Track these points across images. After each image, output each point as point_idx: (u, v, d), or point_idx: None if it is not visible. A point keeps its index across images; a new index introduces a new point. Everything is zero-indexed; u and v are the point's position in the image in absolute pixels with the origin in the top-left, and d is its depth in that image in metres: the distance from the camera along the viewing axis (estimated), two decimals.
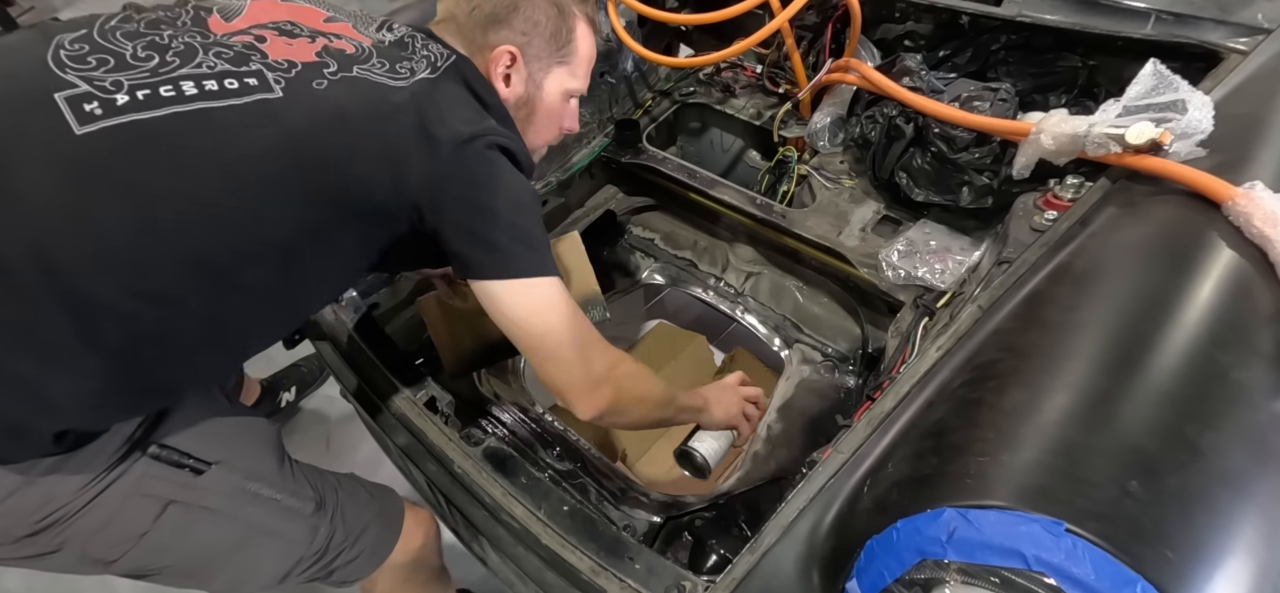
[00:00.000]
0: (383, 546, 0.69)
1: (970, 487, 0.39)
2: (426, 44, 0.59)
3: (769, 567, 0.49)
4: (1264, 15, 0.76)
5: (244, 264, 0.50)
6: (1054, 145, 0.68)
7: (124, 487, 0.52)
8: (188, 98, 0.48)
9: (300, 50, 0.54)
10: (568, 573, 0.61)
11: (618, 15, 1.02)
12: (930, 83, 0.88)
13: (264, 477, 0.60)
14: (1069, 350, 0.46)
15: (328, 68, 0.53)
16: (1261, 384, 0.44)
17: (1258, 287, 0.49)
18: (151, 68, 0.48)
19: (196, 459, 0.55)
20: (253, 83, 0.50)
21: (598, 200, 1.21)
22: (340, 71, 0.53)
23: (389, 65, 0.55)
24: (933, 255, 0.84)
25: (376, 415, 0.79)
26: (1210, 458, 0.40)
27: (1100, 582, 0.34)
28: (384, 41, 0.58)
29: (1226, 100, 0.66)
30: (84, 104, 0.45)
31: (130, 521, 0.53)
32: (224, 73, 0.50)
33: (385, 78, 0.54)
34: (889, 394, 0.54)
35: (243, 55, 0.51)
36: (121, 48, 0.49)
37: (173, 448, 0.54)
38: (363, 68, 0.54)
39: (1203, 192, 0.54)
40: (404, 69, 0.55)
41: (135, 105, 0.46)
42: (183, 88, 0.48)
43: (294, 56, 0.53)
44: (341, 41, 0.56)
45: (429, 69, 0.56)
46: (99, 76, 0.47)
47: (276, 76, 0.51)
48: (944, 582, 0.37)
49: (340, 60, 0.54)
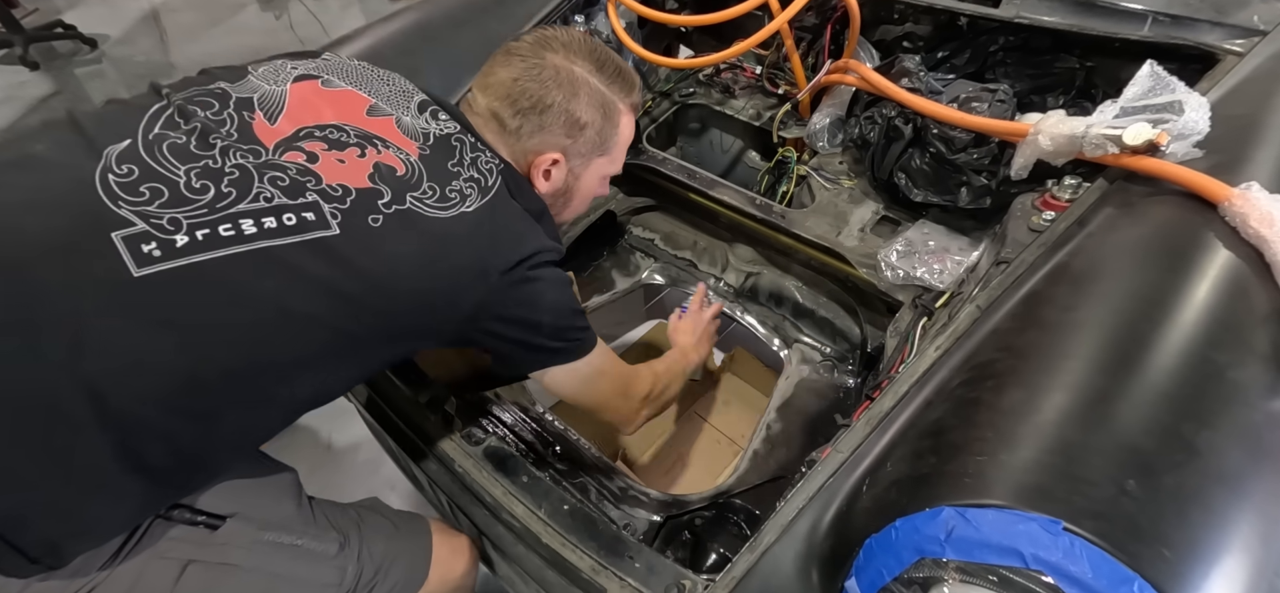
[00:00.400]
0: (414, 577, 0.68)
1: (968, 486, 0.39)
2: (473, 152, 0.59)
3: (768, 566, 0.49)
4: (1260, 17, 0.76)
5: (283, 382, 0.51)
6: (1052, 146, 0.68)
7: (141, 553, 0.52)
8: (247, 238, 0.48)
9: (353, 172, 0.53)
10: (568, 572, 0.61)
11: (618, 17, 1.03)
12: (929, 84, 0.88)
13: (282, 524, 0.59)
14: (1067, 350, 0.46)
15: (381, 198, 0.53)
16: (1258, 383, 0.44)
17: (1254, 287, 0.49)
18: (208, 202, 0.48)
19: (210, 515, 0.55)
20: (310, 217, 0.50)
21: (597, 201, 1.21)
22: (394, 203, 0.53)
23: (439, 191, 0.55)
24: (931, 256, 0.84)
25: (377, 415, 0.79)
26: (1207, 457, 0.40)
27: (1098, 580, 0.34)
28: (428, 142, 0.58)
29: (1223, 102, 0.66)
30: (142, 245, 0.45)
31: (152, 586, 0.53)
32: (281, 207, 0.49)
33: (437, 208, 0.54)
34: (888, 394, 0.54)
35: (298, 184, 0.51)
36: (174, 175, 0.48)
37: (185, 506, 0.54)
38: (415, 196, 0.54)
39: (1199, 192, 0.55)
40: (454, 194, 0.56)
41: (195, 246, 0.46)
42: (242, 227, 0.48)
43: (347, 180, 0.52)
44: (389, 154, 0.56)
45: (478, 193, 0.57)
46: (155, 213, 0.46)
47: (332, 209, 0.51)
48: (942, 580, 0.38)
49: (393, 186, 0.54)
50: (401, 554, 0.67)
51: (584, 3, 1.07)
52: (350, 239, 0.51)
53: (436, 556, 0.70)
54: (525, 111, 0.62)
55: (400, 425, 0.76)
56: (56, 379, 0.43)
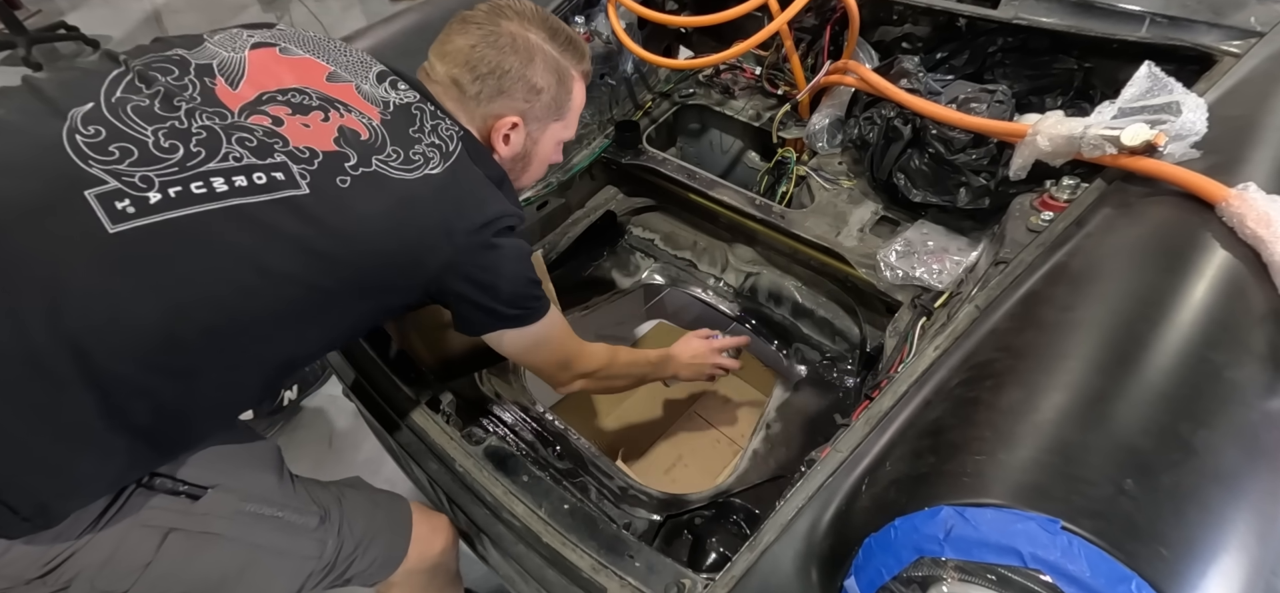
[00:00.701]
0: (394, 553, 0.70)
1: (967, 485, 0.39)
2: (433, 120, 0.60)
3: (768, 565, 0.49)
4: (1257, 18, 0.76)
5: (261, 340, 0.52)
6: (1050, 147, 0.68)
7: (124, 519, 0.53)
8: (218, 195, 0.49)
9: (318, 135, 0.54)
10: (568, 571, 0.61)
11: (618, 18, 1.03)
12: (928, 85, 0.88)
13: (263, 496, 0.60)
14: (1065, 350, 0.46)
15: (348, 160, 0.54)
16: (1254, 383, 0.45)
17: (1251, 287, 0.49)
18: (178, 160, 0.49)
19: (192, 485, 0.56)
20: (279, 177, 0.51)
21: (598, 201, 1.22)
22: (360, 165, 0.54)
23: (403, 154, 0.57)
24: (930, 256, 0.84)
25: (379, 414, 0.79)
26: (1204, 456, 0.40)
27: (1096, 579, 0.34)
28: (389, 109, 0.59)
29: (1220, 102, 0.66)
30: (116, 202, 0.46)
31: (133, 552, 0.54)
32: (251, 166, 0.50)
33: (402, 171, 0.56)
34: (887, 393, 0.55)
35: (266, 145, 0.52)
36: (141, 134, 0.49)
37: (166, 476, 0.55)
38: (380, 159, 0.55)
39: (1197, 193, 0.55)
40: (417, 157, 0.57)
41: (168, 203, 0.47)
42: (213, 184, 0.49)
43: (314, 143, 0.54)
44: (352, 118, 0.57)
45: (440, 157, 0.58)
46: (126, 171, 0.47)
47: (301, 170, 0.52)
48: (941, 579, 0.38)
49: (358, 149, 0.55)
50: (381, 530, 0.69)
51: (584, 4, 1.07)
52: (320, 199, 0.52)
53: (416, 533, 0.71)
54: (484, 77, 0.63)
55: (401, 425, 0.76)
56: (39, 338, 0.43)
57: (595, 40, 1.09)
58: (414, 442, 0.75)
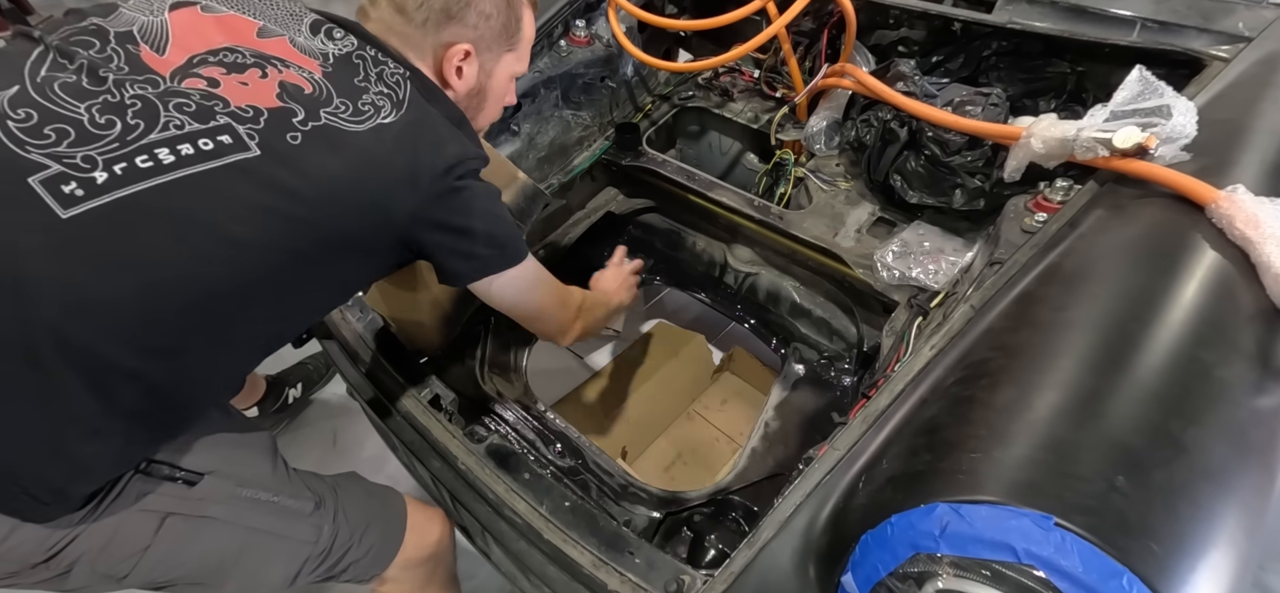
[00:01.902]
0: (390, 542, 0.69)
1: (962, 482, 0.40)
2: (378, 66, 0.58)
3: (766, 561, 0.50)
4: (1244, 24, 0.78)
5: (240, 311, 0.51)
6: (1044, 149, 0.69)
7: (121, 505, 0.53)
8: (166, 167, 0.47)
9: (259, 92, 0.52)
10: (569, 568, 0.62)
11: (618, 21, 1.04)
12: (923, 87, 0.89)
13: (259, 482, 0.60)
14: (1058, 349, 0.47)
15: (295, 116, 0.52)
16: (1243, 381, 0.45)
17: (1239, 287, 0.50)
18: (118, 135, 0.47)
19: (188, 471, 0.56)
20: (227, 141, 0.49)
21: (598, 202, 1.22)
22: (309, 119, 0.52)
23: (352, 106, 0.54)
24: (926, 256, 0.85)
25: (381, 413, 0.79)
26: (1194, 453, 0.41)
27: (1088, 574, 0.35)
28: (329, 61, 0.56)
29: (1210, 106, 0.67)
30: (62, 186, 0.44)
31: (132, 536, 0.54)
32: (195, 133, 0.48)
33: (353, 123, 0.54)
34: (884, 392, 0.55)
35: (206, 109, 0.50)
36: (74, 113, 0.47)
37: (163, 462, 0.55)
38: (328, 113, 0.53)
39: (1187, 195, 0.56)
40: (367, 108, 0.55)
41: (115, 181, 0.46)
42: (159, 156, 0.47)
43: (256, 101, 0.52)
44: (291, 73, 0.54)
45: (392, 107, 0.56)
46: (67, 153, 0.45)
47: (247, 130, 0.50)
48: (936, 575, 0.38)
49: (304, 104, 0.53)
50: (377, 519, 0.68)
51: (585, 7, 1.08)
52: (272, 159, 0.50)
53: (412, 523, 0.71)
54: (428, 2, 0.60)
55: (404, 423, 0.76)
56: (22, 329, 0.43)
57: (596, 43, 1.09)
58: (416, 440, 0.75)
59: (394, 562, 0.69)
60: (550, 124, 1.08)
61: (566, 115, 1.10)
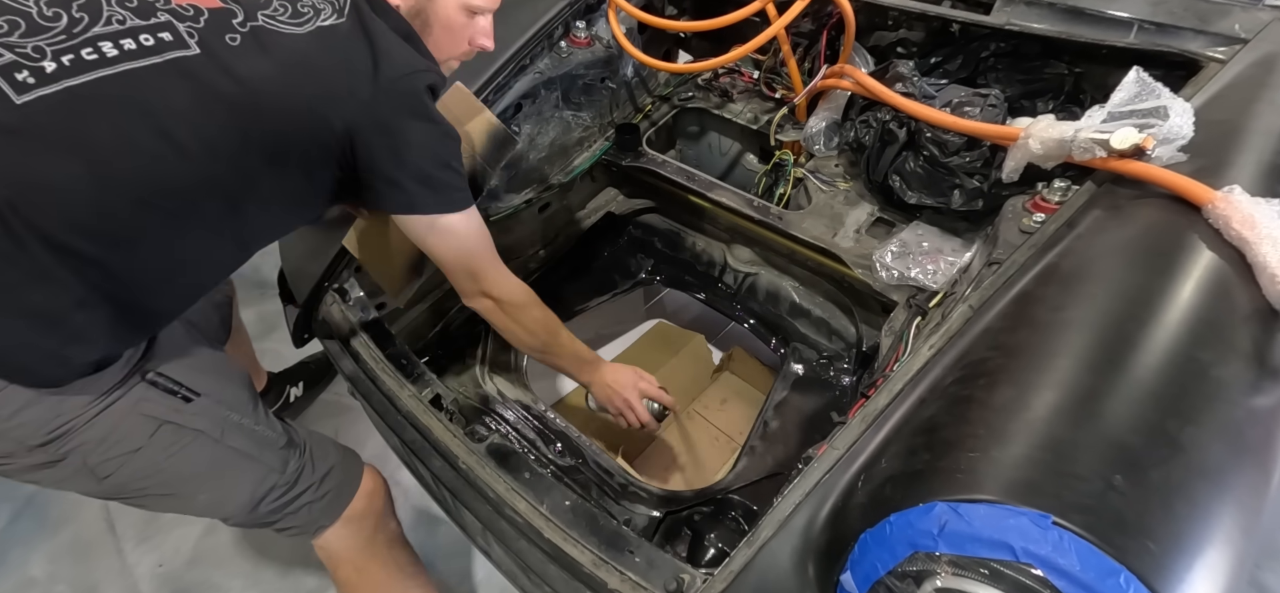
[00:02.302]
0: (346, 488, 0.72)
1: (961, 481, 0.40)
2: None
3: (765, 560, 0.50)
4: (1241, 25, 0.78)
5: (192, 204, 0.53)
6: (1042, 150, 0.69)
7: (124, 405, 0.57)
8: (110, 60, 0.49)
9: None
10: (569, 566, 0.62)
11: (618, 22, 1.04)
12: (922, 88, 0.89)
13: (242, 408, 0.65)
14: (1056, 349, 0.47)
15: (235, 17, 0.54)
16: (1239, 381, 0.46)
17: (1236, 287, 0.50)
18: (64, 28, 0.49)
19: (187, 388, 0.60)
20: (167, 37, 0.51)
21: (599, 203, 1.22)
22: (247, 20, 0.54)
23: (290, 7, 0.56)
24: (925, 256, 0.85)
25: (383, 413, 0.79)
26: (1190, 452, 0.41)
27: (1085, 573, 0.35)
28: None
29: (1206, 107, 0.68)
30: (15, 74, 0.47)
31: (127, 436, 0.57)
32: (137, 28, 0.51)
33: (292, 25, 0.55)
34: (882, 392, 0.55)
35: (147, 4, 0.52)
36: (24, 4, 0.50)
37: (168, 376, 0.59)
38: (266, 14, 0.55)
39: (1184, 195, 0.56)
40: (306, 9, 0.56)
41: (64, 71, 0.48)
42: (103, 50, 0.49)
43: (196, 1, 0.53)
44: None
45: (333, 10, 0.57)
46: (18, 43, 0.48)
47: (187, 28, 0.52)
48: (935, 574, 0.39)
49: (243, 5, 0.54)
50: (337, 468, 0.72)
51: (585, 9, 1.08)
52: (210, 59, 0.52)
53: (364, 483, 0.74)
54: None
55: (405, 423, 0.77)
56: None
57: (596, 44, 1.10)
58: (418, 439, 0.75)
59: (344, 513, 0.72)
60: (551, 125, 1.08)
61: (567, 116, 1.10)
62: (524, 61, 1.00)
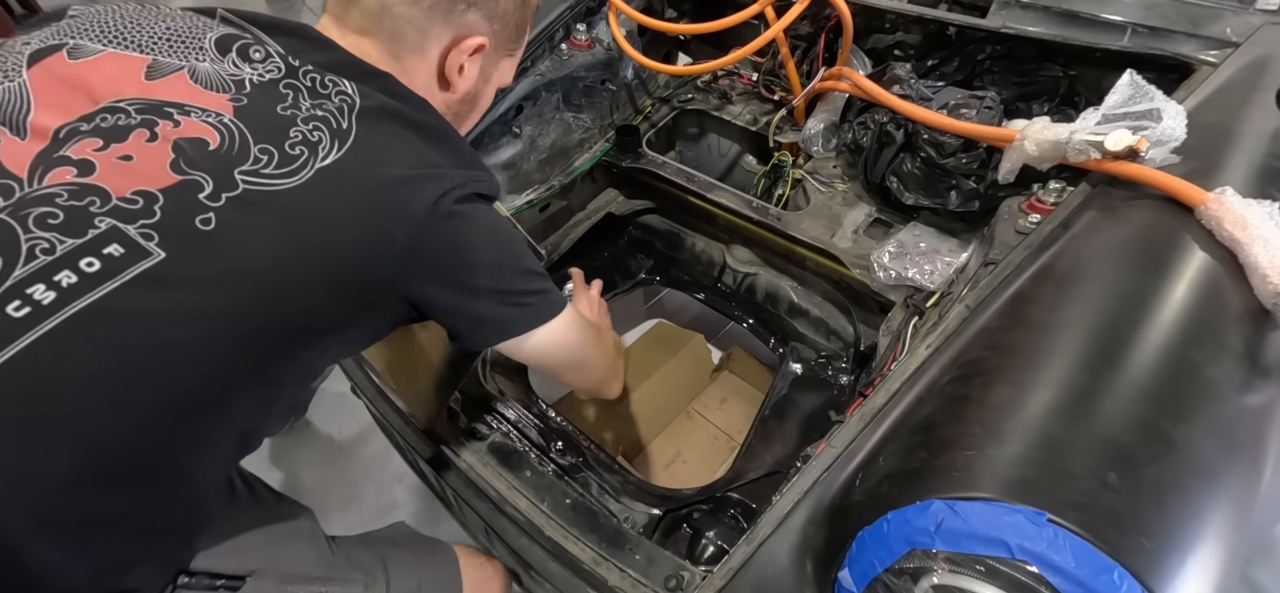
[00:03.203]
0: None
1: (957, 479, 0.41)
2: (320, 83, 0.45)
3: (764, 557, 0.50)
4: (1232, 29, 0.79)
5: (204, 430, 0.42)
6: (1037, 151, 0.69)
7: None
8: (48, 309, 0.36)
9: (147, 167, 0.39)
10: (570, 564, 0.62)
11: (618, 25, 1.04)
12: (919, 91, 0.90)
13: (304, 573, 0.55)
14: (1051, 348, 0.48)
15: (201, 190, 0.39)
16: (1231, 380, 0.46)
17: (1228, 287, 0.51)
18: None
19: (229, 578, 0.50)
20: (116, 252, 0.37)
21: (599, 204, 1.23)
22: (220, 189, 0.39)
23: (275, 154, 0.41)
24: (922, 257, 0.86)
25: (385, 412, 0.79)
26: (1183, 450, 0.41)
27: (1080, 569, 0.36)
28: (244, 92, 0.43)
29: (1199, 109, 0.68)
30: None
31: None
32: (73, 253, 0.37)
33: (280, 177, 0.40)
34: (880, 391, 0.56)
35: (78, 213, 0.38)
36: None
37: (201, 572, 0.49)
38: (245, 173, 0.40)
39: (1177, 196, 0.56)
40: (298, 149, 0.41)
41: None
42: (34, 297, 0.36)
43: (145, 182, 0.39)
44: (192, 123, 0.41)
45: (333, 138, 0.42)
46: None
47: (140, 229, 0.38)
48: (932, 571, 0.39)
49: (211, 170, 0.40)
50: (430, 575, 0.63)
51: (586, 11, 1.08)
52: (183, 257, 0.39)
53: (467, 582, 0.65)
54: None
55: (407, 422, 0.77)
56: None
57: (596, 47, 1.10)
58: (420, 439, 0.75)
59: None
60: (551, 126, 1.08)
61: (567, 118, 1.10)
62: (525, 64, 1.00)
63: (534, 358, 0.54)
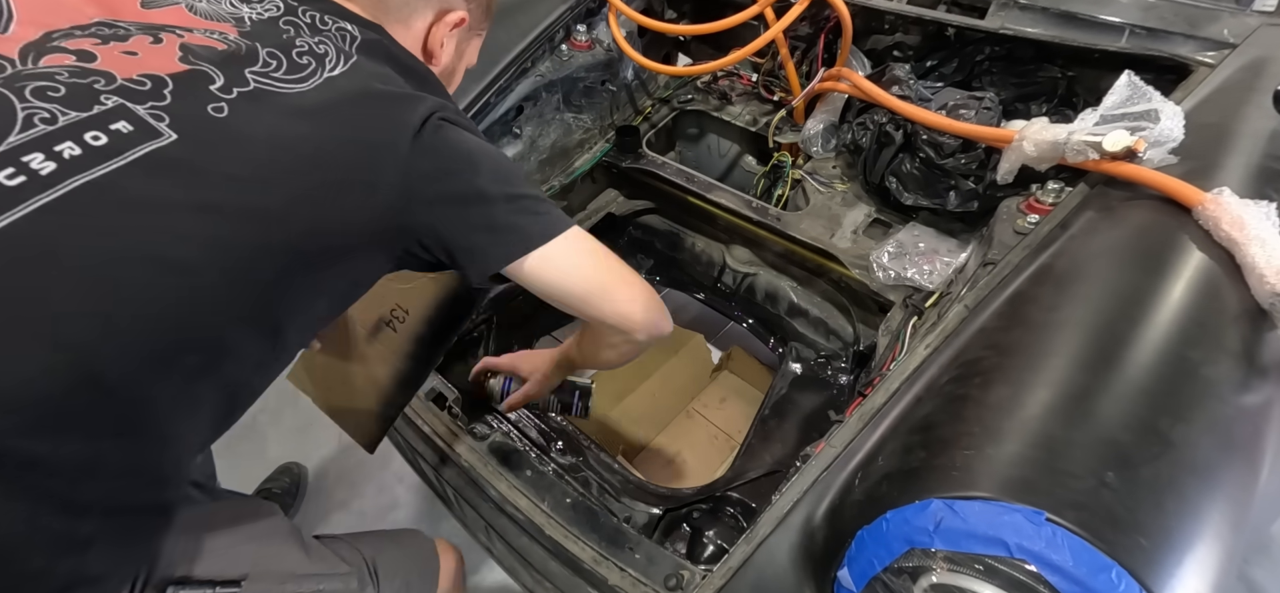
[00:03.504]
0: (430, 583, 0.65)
1: (956, 479, 0.41)
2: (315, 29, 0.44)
3: (764, 557, 0.50)
4: (1229, 31, 0.79)
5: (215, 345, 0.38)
6: (1036, 152, 0.70)
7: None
8: (48, 179, 0.32)
9: (155, 58, 0.38)
10: (571, 563, 0.62)
11: (619, 26, 1.04)
12: (918, 91, 0.90)
13: (297, 569, 0.53)
14: (1050, 348, 0.48)
15: (212, 82, 0.37)
16: (1228, 379, 0.46)
17: (1225, 287, 0.51)
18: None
19: (222, 583, 0.48)
20: (124, 129, 0.34)
21: (599, 204, 1.23)
22: (232, 84, 0.38)
23: (284, 61, 0.40)
24: (921, 257, 0.86)
25: None
26: (1181, 450, 0.42)
27: (1078, 568, 0.36)
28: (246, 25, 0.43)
29: (1196, 110, 0.68)
30: None
31: None
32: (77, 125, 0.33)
33: (291, 82, 0.39)
34: (879, 391, 0.56)
35: (81, 90, 0.35)
36: None
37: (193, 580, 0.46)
38: (256, 72, 0.39)
39: (1174, 197, 0.57)
40: (305, 60, 0.41)
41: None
42: (31, 166, 0.32)
43: (153, 68, 0.37)
44: (197, 37, 0.40)
45: (338, 53, 0.42)
46: None
47: (150, 109, 0.35)
48: (931, 569, 0.39)
49: (221, 66, 0.38)
50: (414, 571, 0.64)
51: (586, 12, 1.09)
52: (195, 142, 0.35)
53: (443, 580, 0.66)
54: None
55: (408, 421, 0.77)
56: None
57: (597, 47, 1.10)
58: (421, 438, 0.75)
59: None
60: (552, 127, 1.09)
61: (568, 118, 1.11)
62: (525, 64, 1.00)
63: (557, 275, 0.47)
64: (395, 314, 0.69)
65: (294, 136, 0.39)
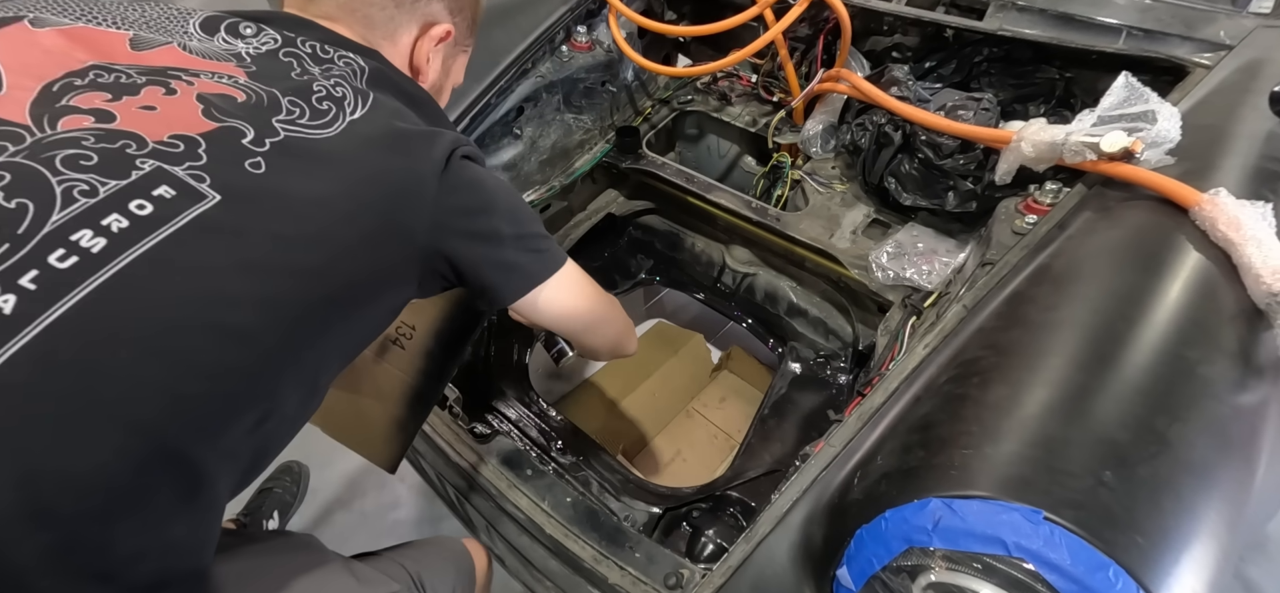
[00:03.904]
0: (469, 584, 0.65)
1: (955, 478, 0.41)
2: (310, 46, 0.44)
3: (763, 556, 0.50)
4: (1226, 32, 0.79)
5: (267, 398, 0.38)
6: (1034, 153, 0.70)
7: None
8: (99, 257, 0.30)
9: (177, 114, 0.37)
10: (571, 562, 0.63)
11: (619, 27, 1.05)
12: (917, 92, 0.90)
13: None
14: (1048, 348, 0.48)
15: (243, 136, 0.37)
16: (1225, 379, 0.47)
17: (1222, 287, 0.51)
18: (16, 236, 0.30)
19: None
20: (168, 194, 0.33)
21: (599, 204, 1.23)
22: (263, 136, 0.37)
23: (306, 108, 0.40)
24: (920, 257, 0.86)
25: None
26: (1178, 449, 0.42)
27: (1075, 567, 0.36)
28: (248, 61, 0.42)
29: (1193, 112, 0.69)
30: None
31: None
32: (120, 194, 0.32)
33: (316, 129, 0.39)
34: (878, 390, 0.56)
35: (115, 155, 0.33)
36: None
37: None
38: (283, 122, 0.39)
39: (1171, 197, 0.57)
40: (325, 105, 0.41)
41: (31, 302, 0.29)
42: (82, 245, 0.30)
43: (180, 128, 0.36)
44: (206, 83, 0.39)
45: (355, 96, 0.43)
46: None
47: (191, 171, 0.34)
48: (929, 568, 0.39)
49: (248, 118, 0.38)
50: (449, 568, 0.63)
51: (586, 13, 1.09)
52: (239, 201, 0.35)
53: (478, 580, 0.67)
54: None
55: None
56: None
57: (597, 49, 1.11)
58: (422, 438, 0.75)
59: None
60: (552, 128, 1.09)
61: (568, 119, 1.11)
62: (526, 65, 1.00)
63: (554, 309, 0.51)
64: (401, 332, 0.68)
65: (331, 193, 0.39)
